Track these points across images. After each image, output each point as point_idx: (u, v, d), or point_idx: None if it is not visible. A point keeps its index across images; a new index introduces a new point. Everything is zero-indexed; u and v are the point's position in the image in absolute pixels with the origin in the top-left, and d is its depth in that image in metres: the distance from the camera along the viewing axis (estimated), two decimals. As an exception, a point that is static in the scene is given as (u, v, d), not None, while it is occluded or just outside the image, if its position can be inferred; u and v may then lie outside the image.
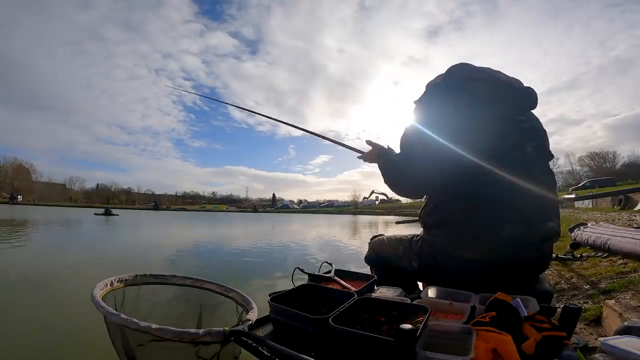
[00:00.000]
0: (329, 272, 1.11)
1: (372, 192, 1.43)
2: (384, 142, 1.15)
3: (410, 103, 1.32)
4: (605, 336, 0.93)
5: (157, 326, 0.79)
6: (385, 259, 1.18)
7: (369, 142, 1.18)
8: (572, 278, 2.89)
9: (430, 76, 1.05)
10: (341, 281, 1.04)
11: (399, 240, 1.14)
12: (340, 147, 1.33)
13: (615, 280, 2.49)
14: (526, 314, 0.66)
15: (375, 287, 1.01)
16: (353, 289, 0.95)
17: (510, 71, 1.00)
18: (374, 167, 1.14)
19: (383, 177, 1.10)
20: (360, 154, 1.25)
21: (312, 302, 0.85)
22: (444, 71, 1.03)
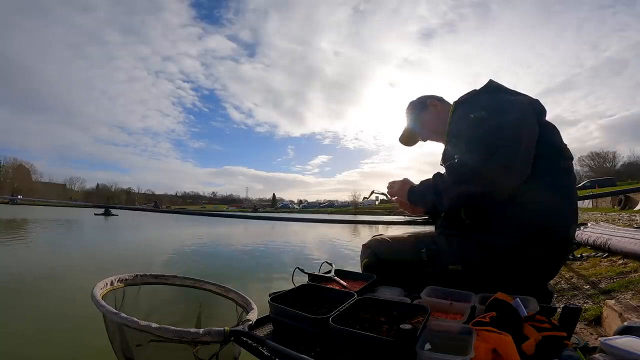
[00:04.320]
0: (329, 272, 1.11)
1: (372, 192, 1.42)
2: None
3: (406, 103, 1.32)
4: (605, 336, 0.93)
5: (157, 325, 0.79)
6: (389, 260, 1.11)
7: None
8: (572, 278, 2.89)
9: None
10: (341, 281, 1.04)
11: (407, 238, 1.12)
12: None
13: (615, 280, 2.49)
14: (526, 314, 0.66)
15: (375, 287, 1.01)
16: (353, 289, 0.95)
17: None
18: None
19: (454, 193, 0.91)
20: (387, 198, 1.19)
21: (312, 302, 0.85)
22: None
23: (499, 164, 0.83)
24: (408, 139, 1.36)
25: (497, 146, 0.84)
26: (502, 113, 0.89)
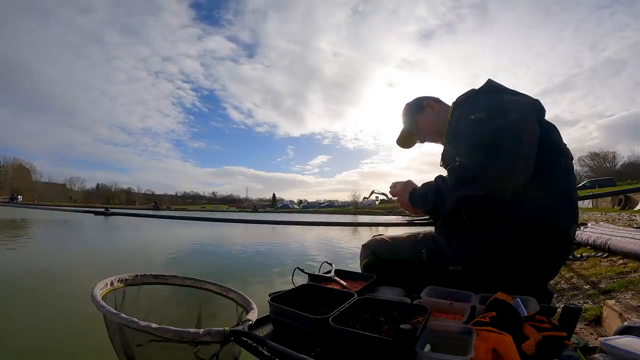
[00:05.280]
0: (329, 272, 1.11)
1: (372, 192, 1.42)
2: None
3: (405, 103, 1.31)
4: (605, 336, 0.93)
5: (157, 325, 0.79)
6: (389, 260, 1.11)
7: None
8: (572, 278, 2.89)
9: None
10: (341, 281, 1.04)
11: (407, 238, 1.12)
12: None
13: (615, 280, 2.49)
14: (526, 314, 0.66)
15: (375, 287, 1.01)
16: (353, 289, 0.95)
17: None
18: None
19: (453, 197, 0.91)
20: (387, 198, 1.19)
21: (312, 302, 0.85)
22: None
23: (501, 165, 0.83)
24: (405, 141, 1.35)
25: (498, 147, 0.84)
26: (502, 113, 0.89)
